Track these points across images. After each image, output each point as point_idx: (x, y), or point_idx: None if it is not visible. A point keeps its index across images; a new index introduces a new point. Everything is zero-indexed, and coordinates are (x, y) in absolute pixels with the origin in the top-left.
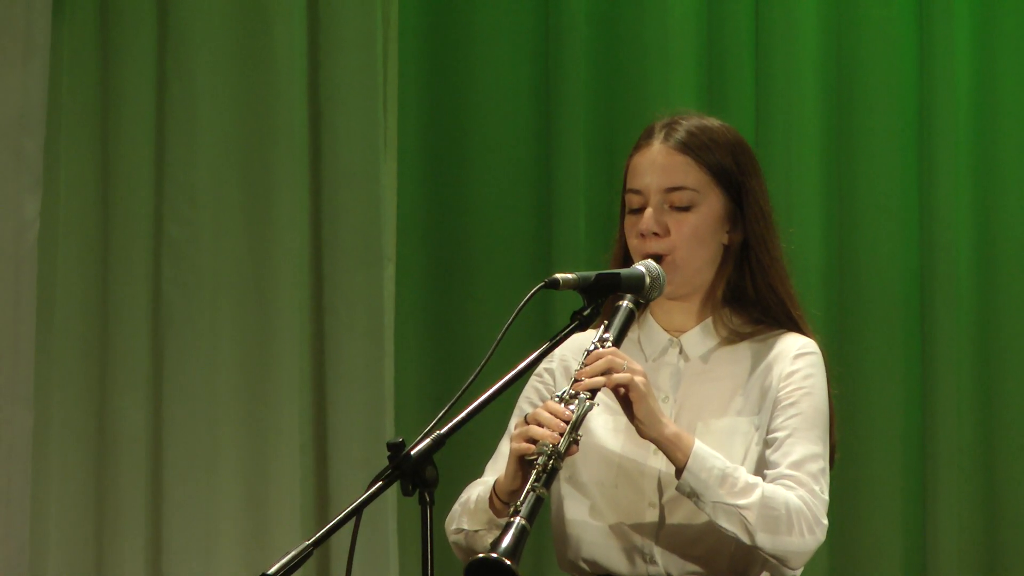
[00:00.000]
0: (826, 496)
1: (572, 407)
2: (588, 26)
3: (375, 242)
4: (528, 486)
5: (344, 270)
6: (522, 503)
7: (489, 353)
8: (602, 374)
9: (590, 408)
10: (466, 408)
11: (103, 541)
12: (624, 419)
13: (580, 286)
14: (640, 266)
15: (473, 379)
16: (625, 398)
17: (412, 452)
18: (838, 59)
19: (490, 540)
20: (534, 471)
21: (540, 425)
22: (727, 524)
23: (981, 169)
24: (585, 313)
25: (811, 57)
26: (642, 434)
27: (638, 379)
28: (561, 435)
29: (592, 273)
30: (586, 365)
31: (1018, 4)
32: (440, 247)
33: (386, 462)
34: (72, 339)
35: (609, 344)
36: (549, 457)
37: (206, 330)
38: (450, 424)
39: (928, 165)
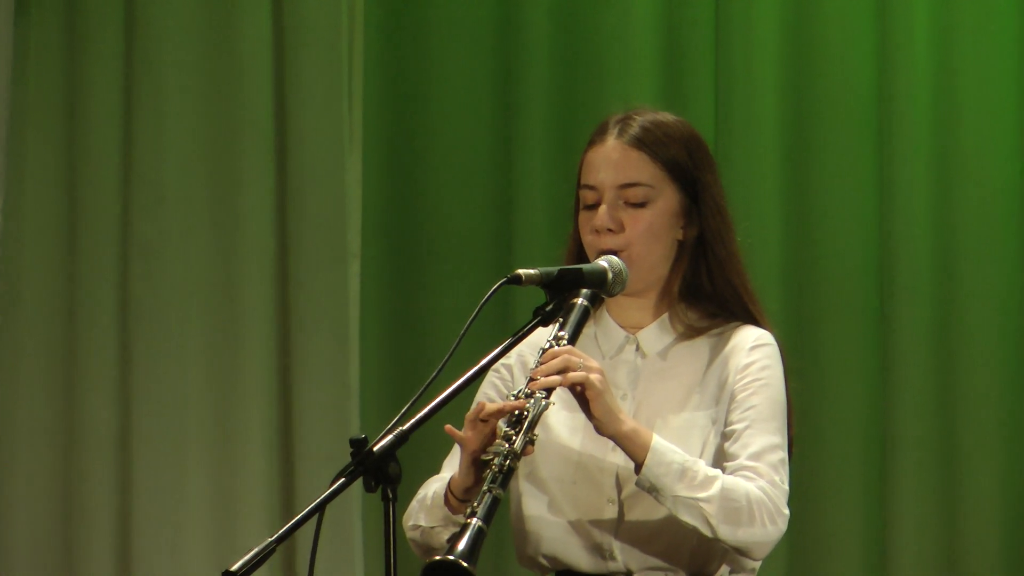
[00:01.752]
0: (787, 486)
1: (528, 406)
2: (549, 22)
3: (340, 239)
4: (484, 487)
5: (309, 267)
6: (479, 504)
7: (451, 350)
8: (558, 372)
9: (545, 407)
10: (429, 404)
11: (71, 539)
12: (583, 416)
13: (542, 282)
14: (603, 261)
15: (436, 375)
16: (582, 395)
17: (375, 448)
18: (797, 54)
19: (446, 536)
20: (490, 471)
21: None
22: (688, 517)
23: (940, 163)
24: (547, 309)
25: (771, 52)
26: (599, 431)
27: (594, 376)
28: (516, 434)
29: (554, 268)
30: (542, 363)
31: None
32: (402, 243)
33: (351, 458)
34: (40, 337)
35: (564, 342)
36: (505, 457)
37: (174, 327)
38: (413, 420)
39: (887, 159)
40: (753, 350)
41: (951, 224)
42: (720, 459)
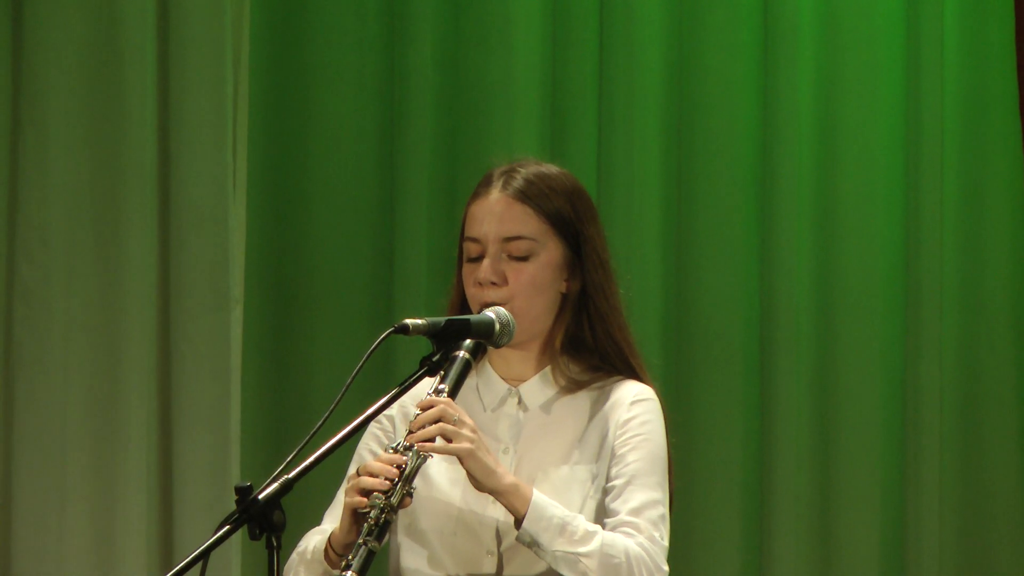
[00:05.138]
0: (666, 542)
1: (406, 458)
2: (433, 71)
3: (222, 284)
4: (360, 539)
5: (192, 312)
6: (354, 557)
7: (337, 399)
8: (434, 422)
9: (423, 461)
10: (313, 452)
11: None
12: (464, 469)
13: (430, 332)
14: (490, 312)
15: (322, 423)
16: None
17: (260, 496)
18: (680, 105)
19: None
20: (366, 524)
21: (373, 477)
22: (568, 572)
23: (822, 217)
24: (434, 359)
25: (653, 103)
26: (478, 487)
27: (464, 446)
28: (394, 487)
29: (442, 319)
30: (420, 414)
31: (860, 52)
32: (284, 290)
33: (232, 505)
34: None
35: (445, 395)
36: (382, 511)
37: (57, 372)
38: (298, 469)
39: (769, 212)
40: (634, 405)
41: (832, 278)
42: (601, 514)
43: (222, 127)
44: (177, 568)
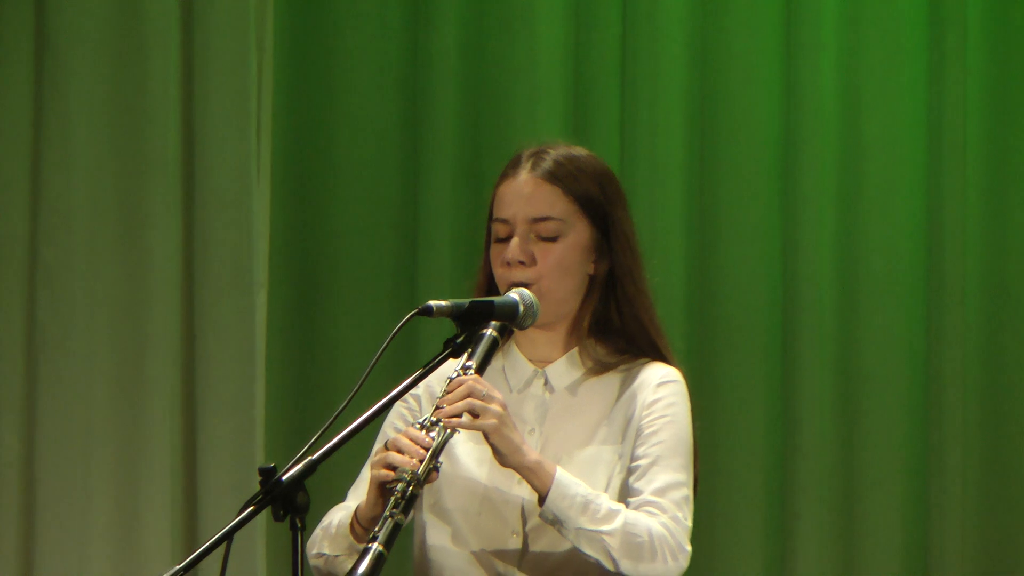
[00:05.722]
0: (689, 523)
1: (433, 434)
2: (456, 54)
3: (247, 268)
4: (386, 512)
5: (216, 295)
6: (380, 529)
7: (361, 380)
8: (463, 399)
9: (451, 436)
10: (337, 434)
11: None
12: (489, 448)
13: (453, 313)
14: (514, 294)
15: (346, 405)
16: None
17: (284, 478)
18: (703, 89)
19: (350, 566)
20: (392, 497)
21: (400, 452)
22: (590, 551)
23: (845, 202)
24: (458, 341)
25: (677, 87)
26: (502, 463)
27: (490, 422)
28: (421, 461)
29: (465, 301)
30: (448, 392)
31: (883, 36)
32: (306, 273)
33: (255, 487)
34: None
35: (472, 372)
36: (408, 484)
37: (80, 355)
38: (322, 450)
39: (792, 196)
40: (660, 387)
41: (855, 263)
42: (625, 494)
43: (246, 112)
44: (201, 549)
